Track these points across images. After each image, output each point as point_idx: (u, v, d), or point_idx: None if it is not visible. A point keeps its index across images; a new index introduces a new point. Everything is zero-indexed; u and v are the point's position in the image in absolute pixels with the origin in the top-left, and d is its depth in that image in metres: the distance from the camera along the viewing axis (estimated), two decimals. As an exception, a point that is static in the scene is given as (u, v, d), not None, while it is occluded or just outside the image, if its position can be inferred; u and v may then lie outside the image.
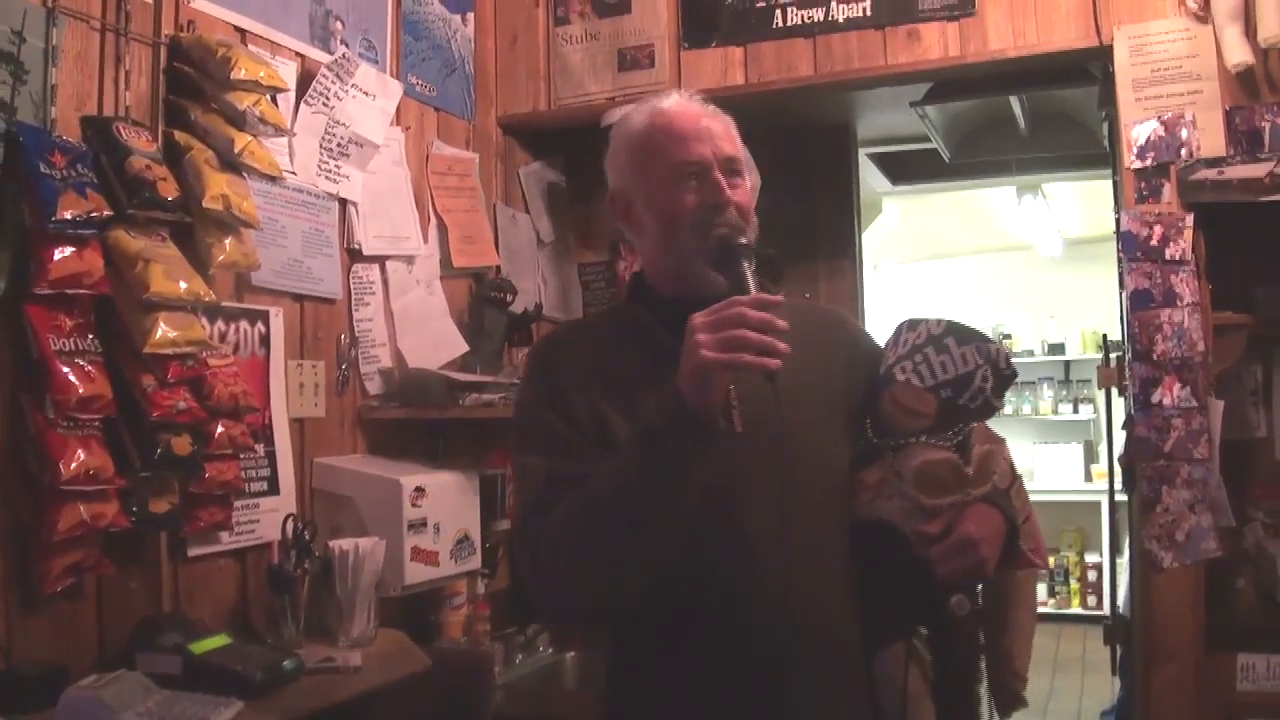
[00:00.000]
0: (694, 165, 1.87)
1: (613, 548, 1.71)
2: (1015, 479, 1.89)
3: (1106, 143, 3.87)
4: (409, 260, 3.64)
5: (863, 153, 5.74)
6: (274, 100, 2.88)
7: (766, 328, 1.59)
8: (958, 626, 1.82)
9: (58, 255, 2.29)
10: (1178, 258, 3.25)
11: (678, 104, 1.96)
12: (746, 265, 1.78)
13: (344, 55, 3.32)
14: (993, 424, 1.94)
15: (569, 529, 1.72)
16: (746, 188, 1.93)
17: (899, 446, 1.83)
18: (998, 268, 9.62)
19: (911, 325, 1.93)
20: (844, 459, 1.90)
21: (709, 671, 1.79)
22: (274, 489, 3.01)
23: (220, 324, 2.86)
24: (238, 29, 2.98)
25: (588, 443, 1.81)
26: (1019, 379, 9.38)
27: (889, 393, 1.87)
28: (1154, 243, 3.27)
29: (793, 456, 1.80)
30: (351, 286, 3.38)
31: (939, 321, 1.91)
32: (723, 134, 1.92)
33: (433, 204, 3.80)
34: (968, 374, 1.84)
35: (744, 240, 1.82)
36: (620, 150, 1.99)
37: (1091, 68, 3.68)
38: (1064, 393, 9.27)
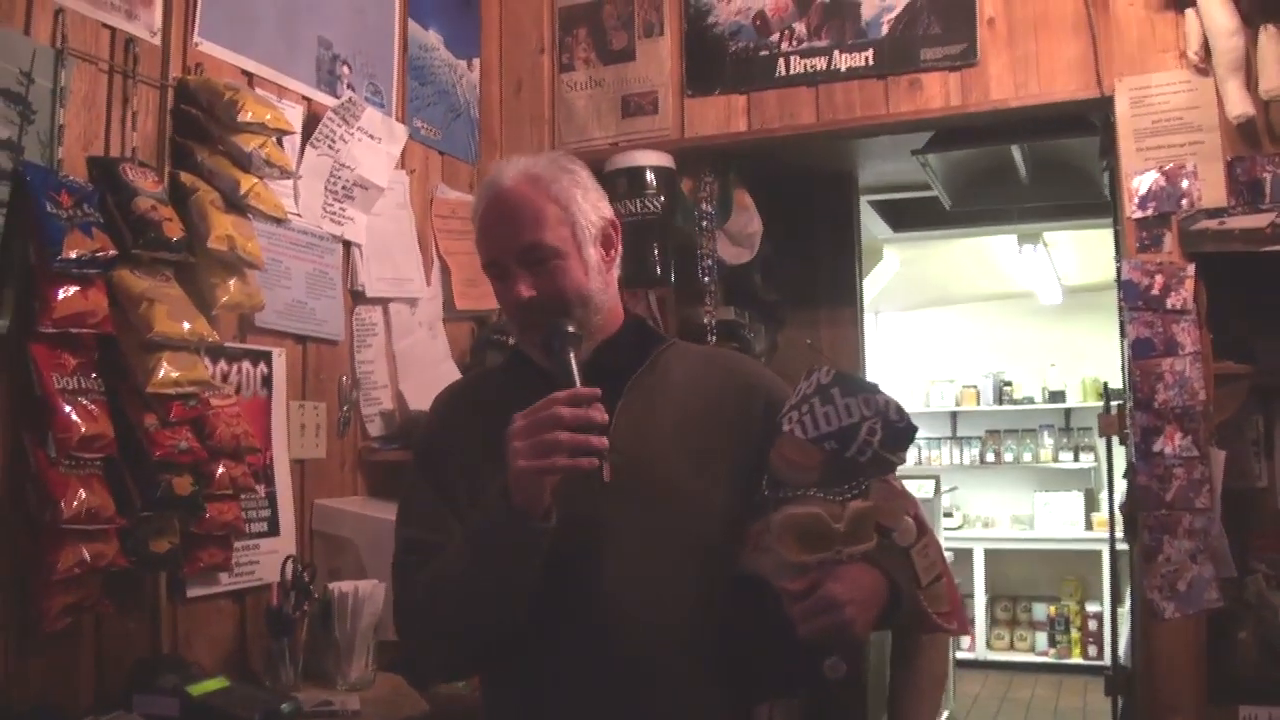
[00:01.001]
0: (492, 267, 1.89)
1: (459, 624, 1.76)
2: (922, 537, 1.81)
3: (1108, 192, 3.88)
4: (412, 303, 3.65)
5: (864, 200, 5.77)
6: (280, 143, 2.90)
7: (583, 425, 1.60)
8: (833, 689, 1.73)
9: (62, 294, 2.30)
10: (1179, 307, 3.25)
11: (492, 189, 1.88)
12: (572, 353, 1.75)
13: (350, 99, 3.35)
14: (995, 471, 1.90)
15: (421, 603, 1.79)
16: (566, 267, 1.84)
17: (783, 500, 1.75)
18: (998, 315, 9.63)
19: (807, 375, 1.83)
20: (721, 508, 1.84)
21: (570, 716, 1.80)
22: (274, 530, 3.00)
23: (223, 364, 2.87)
24: (245, 72, 3.01)
25: (451, 510, 1.83)
26: (1020, 428, 9.32)
27: (775, 444, 1.81)
28: (1155, 292, 3.27)
29: (661, 505, 1.80)
30: (354, 328, 3.40)
31: (828, 370, 1.80)
32: (527, 219, 1.84)
33: (436, 247, 3.81)
34: (852, 426, 1.74)
35: (570, 328, 1.79)
36: None
37: (1093, 118, 3.70)
38: (1064, 440, 9.25)
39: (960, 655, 8.12)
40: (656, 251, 3.91)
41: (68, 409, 2.28)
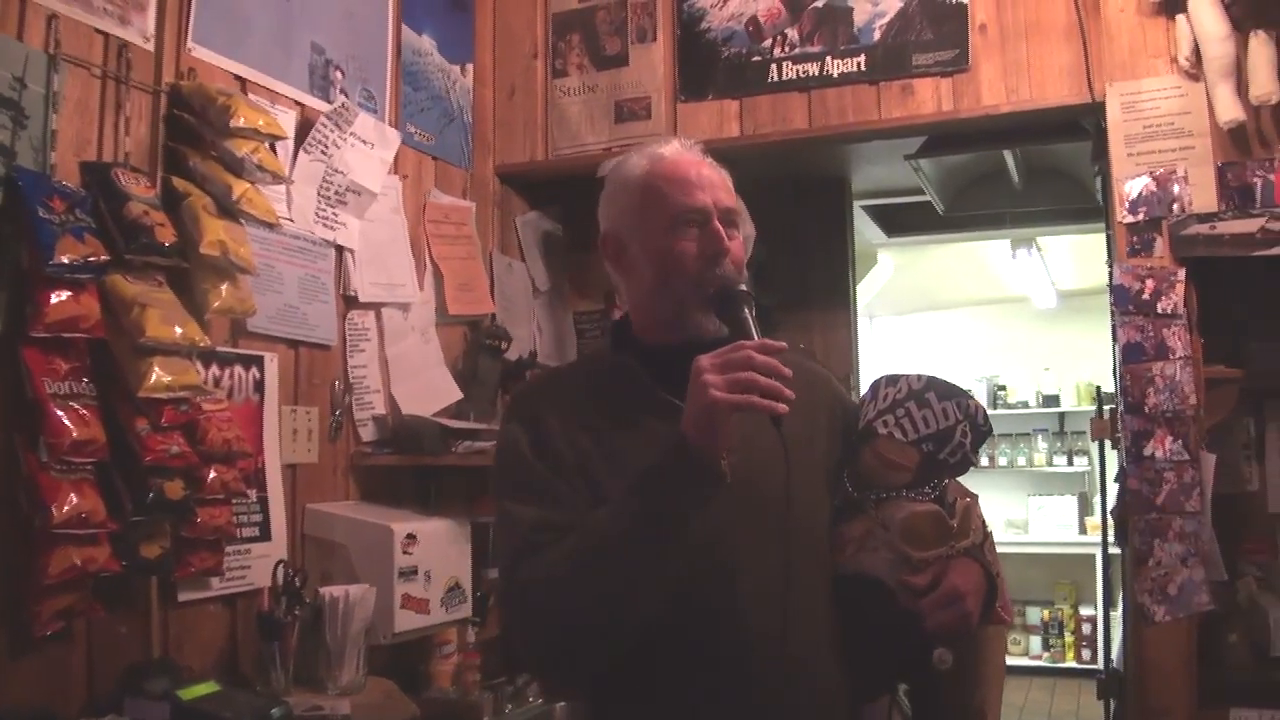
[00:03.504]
0: (696, 213, 1.85)
1: (607, 596, 1.67)
2: (987, 535, 1.90)
3: (1099, 197, 3.90)
4: (404, 307, 3.65)
5: (857, 205, 5.78)
6: (273, 148, 2.91)
7: (773, 372, 1.59)
8: (940, 681, 1.81)
9: (54, 299, 2.30)
10: (1170, 311, 3.26)
11: (679, 151, 1.94)
12: (749, 311, 1.77)
13: (343, 104, 3.35)
14: (989, 474, 1.95)
15: (561, 576, 1.68)
16: (741, 240, 1.91)
17: (881, 500, 1.83)
18: (992, 319, 9.64)
19: (891, 380, 1.93)
20: (828, 513, 1.88)
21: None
22: (265, 535, 3.00)
23: (215, 369, 2.87)
24: (238, 77, 3.01)
25: (573, 489, 1.78)
26: (1014, 432, 9.31)
27: (870, 446, 1.88)
28: (1146, 296, 3.28)
29: (794, 509, 1.75)
30: (347, 333, 3.39)
31: (919, 377, 1.91)
32: (721, 184, 1.91)
33: (429, 252, 3.81)
34: (949, 429, 1.86)
35: (745, 287, 1.82)
36: (618, 194, 1.96)
37: (1084, 123, 3.71)
38: (1058, 444, 9.26)
39: (954, 659, 8.11)
40: (649, 256, 3.91)
41: (59, 413, 2.29)
